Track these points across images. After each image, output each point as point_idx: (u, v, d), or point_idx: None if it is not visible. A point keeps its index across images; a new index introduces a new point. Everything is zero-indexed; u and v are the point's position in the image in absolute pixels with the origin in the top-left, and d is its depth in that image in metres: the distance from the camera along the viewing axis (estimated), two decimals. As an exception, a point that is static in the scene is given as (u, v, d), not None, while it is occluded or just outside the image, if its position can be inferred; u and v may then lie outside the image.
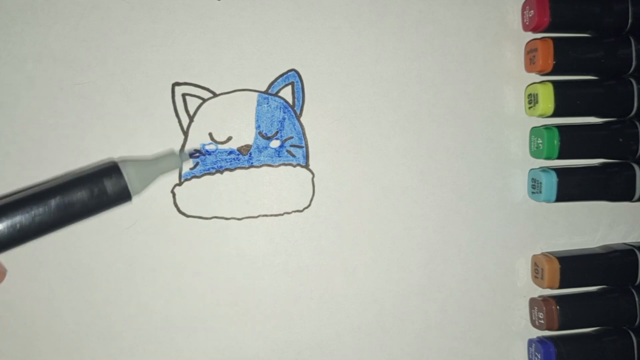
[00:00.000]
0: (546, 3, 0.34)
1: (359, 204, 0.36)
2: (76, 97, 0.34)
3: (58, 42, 0.34)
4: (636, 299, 0.36)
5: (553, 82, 0.35)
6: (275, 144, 0.35)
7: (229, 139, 0.35)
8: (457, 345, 0.37)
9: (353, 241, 0.36)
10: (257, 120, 0.35)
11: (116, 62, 0.34)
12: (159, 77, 0.34)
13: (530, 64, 0.36)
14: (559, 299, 0.36)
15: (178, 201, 0.35)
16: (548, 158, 0.35)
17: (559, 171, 0.35)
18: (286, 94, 0.35)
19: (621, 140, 0.35)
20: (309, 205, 0.36)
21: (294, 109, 0.35)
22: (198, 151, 0.35)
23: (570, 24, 0.35)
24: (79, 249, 0.34)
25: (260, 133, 0.35)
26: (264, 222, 0.36)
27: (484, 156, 0.37)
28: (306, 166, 0.36)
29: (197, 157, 0.35)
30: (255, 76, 0.35)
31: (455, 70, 0.36)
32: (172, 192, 0.35)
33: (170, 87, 0.35)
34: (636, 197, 0.36)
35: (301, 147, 0.36)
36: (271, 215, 0.35)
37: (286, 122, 0.35)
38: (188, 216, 0.35)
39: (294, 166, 0.35)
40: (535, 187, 0.36)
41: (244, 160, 0.35)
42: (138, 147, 0.34)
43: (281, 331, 0.36)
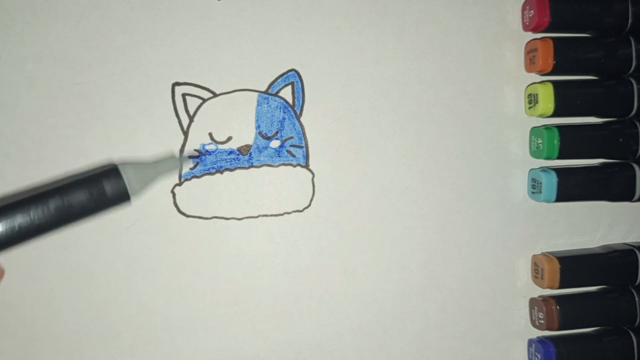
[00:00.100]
0: (546, 3, 0.34)
1: (359, 204, 0.36)
2: (76, 97, 0.34)
3: (58, 42, 0.34)
4: (636, 299, 0.36)
5: (553, 82, 0.35)
6: (275, 144, 0.35)
7: (229, 139, 0.35)
8: (457, 345, 0.37)
9: (353, 241, 0.36)
10: (257, 120, 0.35)
11: (116, 62, 0.34)
12: (159, 77, 0.34)
13: (530, 64, 0.36)
14: (559, 299, 0.36)
15: (178, 201, 0.35)
16: (548, 158, 0.35)
17: (559, 171, 0.35)
18: (286, 94, 0.35)
19: (621, 140, 0.35)
20: (309, 205, 0.36)
21: (294, 109, 0.35)
22: (198, 151, 0.35)
23: (570, 24, 0.35)
24: (79, 249, 0.34)
25: (260, 133, 0.35)
26: (264, 222, 0.36)
27: (484, 156, 0.37)
28: (306, 166, 0.36)
29: (196, 156, 0.35)
30: (255, 76, 0.35)
31: (455, 70, 0.36)
32: (172, 192, 0.35)
33: (170, 87, 0.35)
34: (636, 197, 0.36)
35: (301, 147, 0.36)
36: (271, 215, 0.36)
37: (286, 122, 0.35)
38: (188, 216, 0.35)
39: (294, 166, 0.35)
40: (535, 187, 0.36)
41: (244, 160, 0.35)
42: (138, 147, 0.34)
43: (281, 331, 0.36)
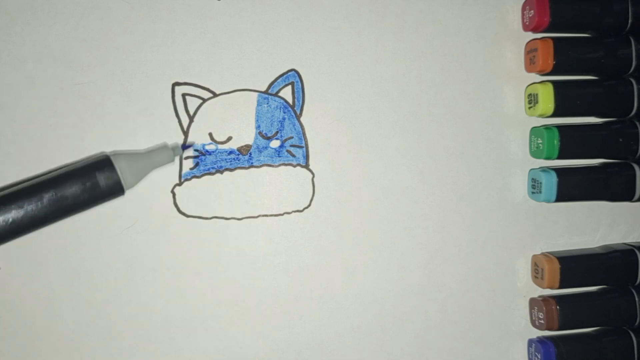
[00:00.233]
0: (546, 3, 0.34)
1: (359, 204, 0.36)
2: (76, 97, 0.34)
3: (58, 42, 0.34)
4: (636, 299, 0.36)
5: (553, 82, 0.35)
6: (275, 144, 0.35)
7: (229, 139, 0.35)
8: (457, 345, 0.37)
9: (353, 241, 0.36)
10: (257, 120, 0.35)
11: (116, 62, 0.34)
12: (159, 77, 0.34)
13: (530, 64, 0.36)
14: (559, 299, 0.36)
15: (178, 201, 0.35)
16: (548, 158, 0.35)
17: (559, 171, 0.35)
18: (286, 94, 0.35)
19: (621, 140, 0.35)
20: (309, 205, 0.36)
21: (294, 109, 0.35)
22: (197, 150, 0.35)
23: (570, 24, 0.35)
24: (79, 249, 0.34)
25: (260, 133, 0.35)
26: (264, 222, 0.36)
27: (484, 156, 0.37)
28: (306, 166, 0.36)
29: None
30: (255, 76, 0.35)
31: (455, 70, 0.36)
32: (172, 192, 0.35)
33: (170, 87, 0.35)
34: (636, 197, 0.36)
35: (301, 147, 0.36)
36: (271, 215, 0.36)
37: (286, 122, 0.35)
38: (188, 216, 0.35)
39: (294, 166, 0.35)
40: (535, 187, 0.36)
41: (244, 160, 0.35)
42: (138, 147, 0.34)
43: (281, 331, 0.36)
